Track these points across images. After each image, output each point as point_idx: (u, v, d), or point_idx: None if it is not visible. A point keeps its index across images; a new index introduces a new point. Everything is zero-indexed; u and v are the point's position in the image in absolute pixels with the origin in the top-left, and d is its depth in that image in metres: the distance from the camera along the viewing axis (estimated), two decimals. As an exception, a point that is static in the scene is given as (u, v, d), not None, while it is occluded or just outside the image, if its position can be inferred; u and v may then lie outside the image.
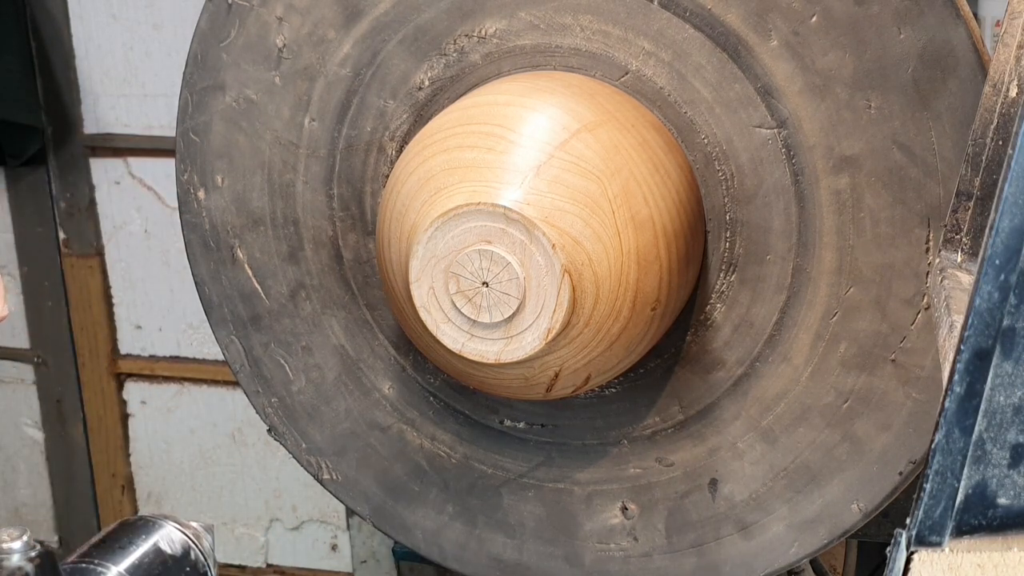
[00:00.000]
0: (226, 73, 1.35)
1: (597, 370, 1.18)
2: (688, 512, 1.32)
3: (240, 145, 1.37)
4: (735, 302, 1.26)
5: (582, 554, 1.37)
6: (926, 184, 1.17)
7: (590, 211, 1.11)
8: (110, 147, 3.06)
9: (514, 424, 1.36)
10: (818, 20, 1.17)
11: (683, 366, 1.29)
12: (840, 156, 1.19)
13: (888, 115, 1.17)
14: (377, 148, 1.33)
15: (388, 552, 2.89)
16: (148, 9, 2.93)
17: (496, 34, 1.27)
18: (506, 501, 1.38)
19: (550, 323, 1.11)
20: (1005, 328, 0.74)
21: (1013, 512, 0.77)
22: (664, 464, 1.32)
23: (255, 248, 1.39)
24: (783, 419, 1.27)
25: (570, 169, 1.12)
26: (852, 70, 1.17)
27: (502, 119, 1.15)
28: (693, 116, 1.23)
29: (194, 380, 3.13)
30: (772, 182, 1.22)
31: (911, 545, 0.78)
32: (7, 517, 3.35)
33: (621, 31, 1.23)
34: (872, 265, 1.21)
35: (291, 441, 1.44)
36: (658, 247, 1.15)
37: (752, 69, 1.20)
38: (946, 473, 0.76)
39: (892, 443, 1.24)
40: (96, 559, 0.93)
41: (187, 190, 1.40)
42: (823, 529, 1.28)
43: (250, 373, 1.43)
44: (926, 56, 1.14)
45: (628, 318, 1.14)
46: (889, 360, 1.22)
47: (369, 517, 1.44)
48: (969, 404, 0.76)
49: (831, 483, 1.27)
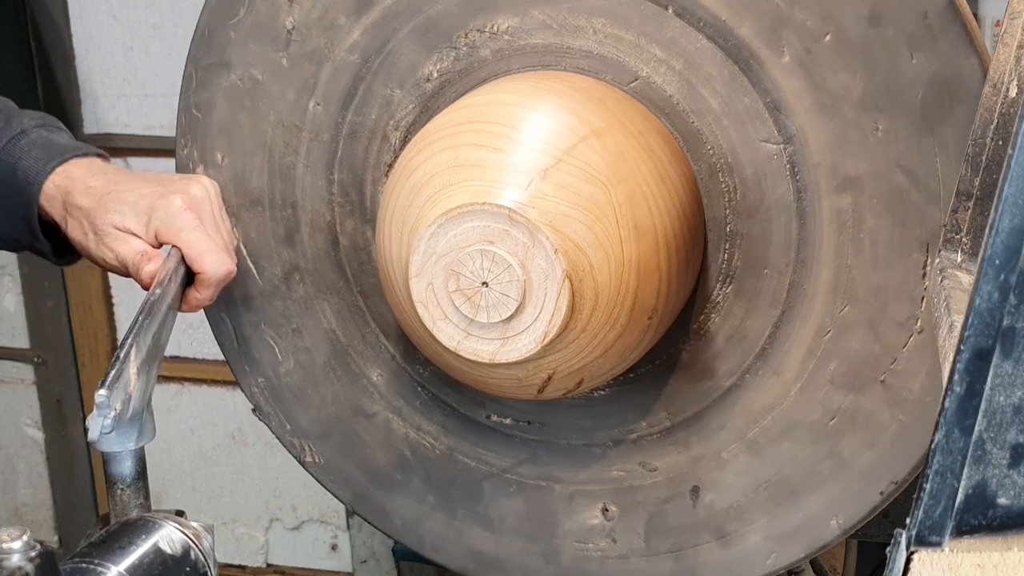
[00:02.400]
0: (233, 51, 1.35)
1: (590, 375, 1.19)
2: (668, 517, 1.33)
3: (242, 124, 1.36)
4: (730, 313, 1.27)
5: (560, 552, 1.37)
6: (927, 209, 1.18)
7: (594, 218, 1.11)
8: (110, 147, 3.01)
9: (501, 420, 1.36)
10: (831, 39, 1.17)
11: (674, 373, 1.30)
12: (844, 176, 1.20)
13: (894, 138, 1.18)
14: (381, 136, 1.33)
15: (388, 552, 2.88)
16: (148, 9, 2.92)
17: (508, 31, 1.27)
18: (487, 495, 1.39)
19: (547, 327, 1.11)
20: (1005, 328, 0.74)
21: (1013, 512, 0.77)
22: (648, 469, 1.33)
23: (251, 228, 1.39)
24: (769, 432, 1.28)
25: (577, 174, 1.12)
26: (861, 91, 1.17)
27: (510, 119, 1.16)
28: (700, 126, 1.23)
29: (194, 380, 3.13)
30: (775, 197, 1.22)
31: (911, 545, 0.78)
32: (7, 517, 3.34)
33: (634, 36, 1.23)
34: (868, 286, 1.21)
35: (276, 422, 1.44)
36: (659, 257, 1.15)
37: (762, 83, 1.20)
38: (946, 473, 0.76)
39: (876, 463, 1.25)
40: (96, 559, 0.93)
41: (185, 165, 1.39)
42: (801, 542, 1.29)
43: (238, 352, 1.43)
44: (936, 83, 1.15)
45: (625, 325, 1.15)
46: (879, 381, 1.23)
47: (349, 502, 1.44)
48: (969, 404, 0.76)
49: (812, 498, 1.28)
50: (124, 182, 1.28)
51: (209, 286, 1.27)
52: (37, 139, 1.32)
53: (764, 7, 1.18)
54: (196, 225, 1.25)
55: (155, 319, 1.15)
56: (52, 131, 1.35)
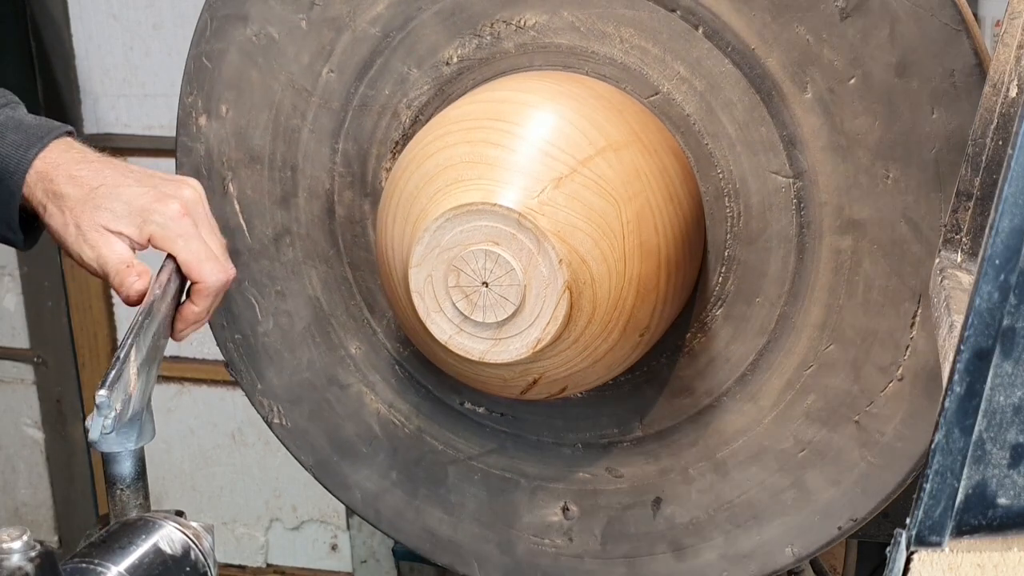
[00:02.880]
0: (252, 5, 1.33)
1: (575, 383, 1.20)
2: (627, 524, 1.35)
3: (252, 80, 1.35)
4: (716, 335, 1.28)
5: (516, 544, 1.38)
6: (925, 262, 1.19)
7: (602, 232, 1.11)
8: (110, 147, 2.97)
9: (474, 408, 1.37)
10: (856, 83, 1.18)
11: (652, 386, 1.31)
12: (848, 218, 1.21)
13: (903, 188, 1.19)
14: (392, 113, 1.32)
15: (388, 552, 2.87)
16: (148, 9, 2.89)
17: (535, 27, 1.26)
18: (451, 479, 1.39)
19: (541, 334, 1.11)
20: (1005, 328, 0.74)
21: (1013, 512, 0.77)
22: (613, 475, 1.34)
23: (247, 185, 1.38)
24: (738, 455, 1.29)
25: (590, 187, 1.12)
26: (878, 138, 1.18)
27: (530, 121, 1.15)
28: (714, 149, 1.23)
29: (194, 380, 3.12)
30: (777, 228, 1.23)
31: (911, 545, 0.78)
32: (7, 517, 3.32)
33: (660, 51, 1.23)
34: (856, 328, 1.23)
35: (247, 380, 1.43)
36: (659, 277, 1.16)
37: (781, 116, 1.21)
38: (946, 473, 0.76)
39: (838, 498, 1.26)
40: (96, 559, 0.92)
41: (189, 113, 1.38)
42: (754, 565, 1.31)
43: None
44: (953, 140, 1.16)
45: (616, 340, 1.16)
46: (853, 420, 1.25)
47: (311, 468, 1.44)
48: (969, 404, 0.75)
49: (771, 524, 1.29)
50: (113, 176, 1.20)
51: (207, 296, 1.20)
52: (7, 121, 1.24)
53: (794, 41, 1.19)
54: (193, 232, 1.19)
55: (155, 319, 1.14)
56: (15, 108, 1.27)
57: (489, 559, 1.40)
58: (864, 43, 1.17)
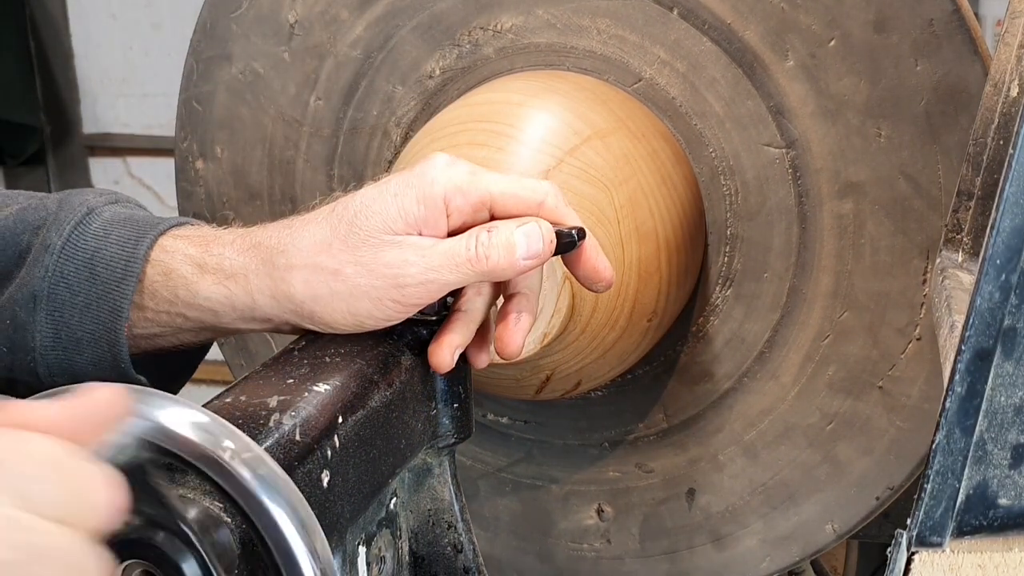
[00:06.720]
0: (234, 44, 1.34)
1: (588, 376, 1.19)
2: (663, 519, 1.33)
3: (243, 117, 1.36)
4: (729, 317, 1.26)
5: (554, 552, 1.37)
6: (928, 217, 1.18)
7: (596, 219, 1.10)
8: (109, 147, 3.04)
9: (497, 419, 1.36)
10: (836, 45, 1.17)
11: (671, 376, 1.30)
12: (846, 181, 1.19)
13: (897, 145, 1.18)
14: (382, 132, 1.32)
15: None
16: (147, 9, 2.92)
17: (512, 29, 1.26)
18: (483, 493, 1.38)
19: (547, 327, 1.10)
20: (1006, 328, 0.74)
21: (1014, 512, 0.77)
22: (644, 470, 1.33)
23: (250, 222, 1.37)
24: (766, 435, 1.28)
25: (579, 175, 1.11)
26: (866, 97, 1.17)
27: (514, 119, 1.15)
28: (703, 129, 1.23)
29: (194, 380, 3.08)
30: (776, 201, 1.22)
31: (912, 546, 0.77)
32: None
33: (638, 37, 1.23)
34: (868, 292, 1.21)
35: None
36: (659, 259, 1.15)
37: (766, 87, 1.20)
38: (947, 473, 0.76)
39: (872, 468, 1.25)
40: None
41: (185, 157, 1.39)
42: (796, 547, 1.29)
43: (235, 346, 1.43)
44: (940, 90, 1.15)
45: (624, 328, 1.15)
46: (876, 386, 1.23)
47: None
48: (970, 404, 0.75)
49: (808, 502, 1.28)
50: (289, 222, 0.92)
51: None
52: (113, 217, 0.93)
53: (769, 11, 1.18)
54: None
55: None
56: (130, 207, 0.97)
57: (530, 571, 1.38)
58: (839, 4, 1.16)
